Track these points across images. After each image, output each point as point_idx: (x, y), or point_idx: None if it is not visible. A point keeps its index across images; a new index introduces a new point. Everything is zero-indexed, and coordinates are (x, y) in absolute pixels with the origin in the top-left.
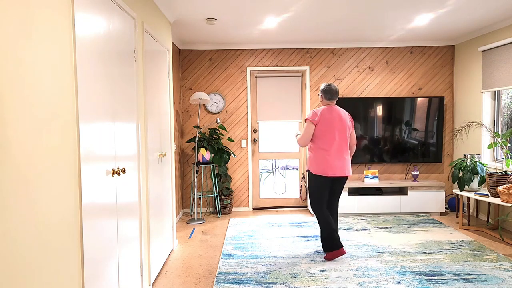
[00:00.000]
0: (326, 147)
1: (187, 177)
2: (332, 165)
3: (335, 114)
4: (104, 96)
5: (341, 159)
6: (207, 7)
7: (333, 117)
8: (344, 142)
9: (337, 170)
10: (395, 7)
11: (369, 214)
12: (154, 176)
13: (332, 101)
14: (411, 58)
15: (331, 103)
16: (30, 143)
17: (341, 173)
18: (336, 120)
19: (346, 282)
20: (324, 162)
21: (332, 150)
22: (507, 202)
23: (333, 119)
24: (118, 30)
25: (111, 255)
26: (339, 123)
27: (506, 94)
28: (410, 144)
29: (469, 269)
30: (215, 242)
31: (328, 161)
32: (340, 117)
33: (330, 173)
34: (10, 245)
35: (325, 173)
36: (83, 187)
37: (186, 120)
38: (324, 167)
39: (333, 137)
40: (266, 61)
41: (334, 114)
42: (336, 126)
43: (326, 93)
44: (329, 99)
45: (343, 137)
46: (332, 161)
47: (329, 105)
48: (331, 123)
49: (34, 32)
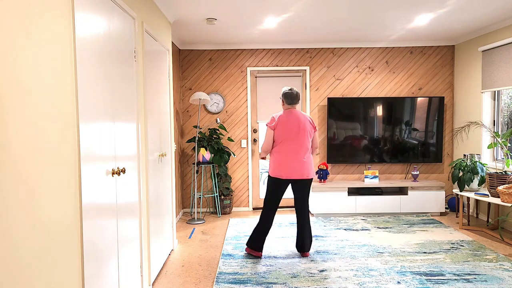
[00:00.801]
0: (283, 150)
1: (187, 177)
2: (288, 168)
3: (294, 118)
4: (104, 96)
5: (299, 162)
6: (207, 7)
7: (291, 121)
8: (302, 145)
9: (293, 173)
10: (395, 7)
11: (369, 214)
12: (154, 176)
13: (292, 105)
14: (411, 58)
15: (291, 107)
16: (30, 143)
17: (298, 175)
18: (294, 123)
19: (346, 282)
20: (281, 165)
21: (289, 153)
22: (507, 202)
23: (291, 123)
24: (118, 30)
25: (111, 255)
26: (297, 126)
27: (506, 94)
28: (410, 144)
29: (469, 269)
30: (215, 242)
31: (284, 164)
32: (299, 120)
33: (285, 175)
34: (10, 245)
35: (280, 176)
36: (83, 187)
37: (186, 120)
38: (280, 169)
39: (290, 141)
40: (266, 61)
41: (293, 118)
42: (293, 130)
43: (286, 98)
44: (289, 103)
45: (302, 140)
46: (289, 164)
47: (289, 109)
48: (288, 127)
49: (34, 32)
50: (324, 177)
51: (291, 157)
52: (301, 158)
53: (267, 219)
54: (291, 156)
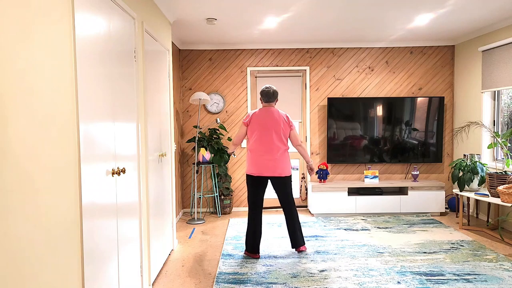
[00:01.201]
0: (255, 147)
1: (187, 177)
2: (258, 165)
3: (268, 115)
4: (104, 96)
5: (271, 159)
6: (207, 7)
7: (265, 118)
8: (274, 143)
9: (264, 170)
10: (395, 7)
11: (369, 214)
12: (154, 176)
13: (269, 103)
14: (411, 58)
15: (268, 105)
16: (31, 143)
17: (269, 173)
18: (267, 121)
19: (346, 282)
20: (252, 162)
21: (261, 151)
22: (507, 202)
23: (264, 120)
24: (118, 30)
25: (111, 255)
26: (270, 124)
27: (506, 94)
28: (410, 144)
29: (469, 269)
30: (215, 242)
31: (255, 161)
32: (273, 118)
33: (256, 172)
34: (11, 244)
35: (251, 173)
36: (83, 187)
37: (186, 120)
38: (251, 167)
39: (262, 138)
40: (266, 61)
41: (267, 115)
42: (266, 127)
43: (263, 96)
44: (266, 101)
45: (275, 138)
46: (259, 161)
47: (265, 107)
48: (261, 125)
49: (34, 32)
50: (324, 177)
51: (262, 155)
52: (272, 156)
53: (253, 219)
54: (262, 153)
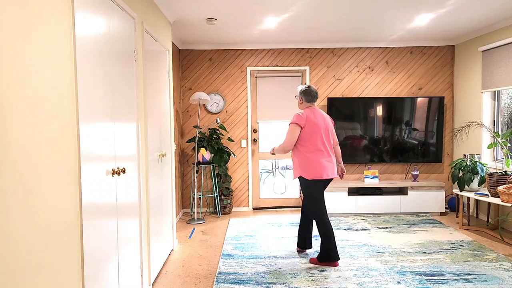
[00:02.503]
0: (316, 149)
1: (187, 177)
2: (325, 167)
3: (319, 116)
4: (104, 96)
5: (330, 160)
6: (207, 7)
7: (318, 119)
8: (329, 143)
9: (330, 172)
10: (395, 7)
11: (369, 214)
12: (154, 176)
13: (312, 103)
14: (411, 58)
15: (311, 105)
16: (31, 143)
17: (332, 174)
18: (321, 121)
19: (346, 282)
20: (318, 165)
21: (323, 152)
22: (507, 202)
23: (318, 121)
24: (118, 30)
25: (111, 255)
26: (324, 124)
27: (506, 94)
28: (410, 144)
29: (469, 269)
30: (215, 242)
31: (321, 163)
32: (324, 118)
33: (325, 175)
34: (11, 244)
35: (320, 176)
36: (83, 187)
37: (186, 120)
38: (319, 170)
39: (321, 139)
40: (266, 61)
41: (318, 115)
42: (322, 128)
43: (306, 95)
44: (309, 101)
45: (328, 138)
46: (324, 163)
47: (311, 107)
48: (317, 126)
49: (34, 32)
50: None
51: (326, 156)
52: (331, 156)
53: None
54: (326, 155)
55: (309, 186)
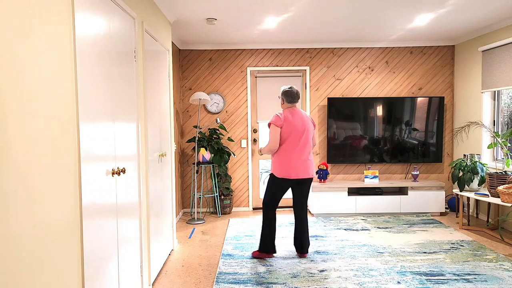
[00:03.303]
0: (290, 149)
1: (187, 177)
2: (296, 167)
3: (298, 116)
4: (104, 96)
5: (305, 161)
6: (207, 7)
7: (296, 119)
8: (307, 144)
9: (300, 172)
10: (395, 7)
11: (369, 214)
12: (154, 176)
13: (293, 103)
14: (411, 58)
15: (292, 106)
16: (31, 143)
17: (304, 175)
18: (299, 122)
19: (346, 282)
20: (288, 164)
21: (296, 153)
22: (507, 202)
23: (296, 121)
24: (118, 30)
25: (111, 255)
26: (301, 125)
27: (506, 94)
28: (410, 144)
29: (469, 269)
30: (215, 242)
31: (292, 163)
32: (303, 119)
33: (293, 175)
34: (11, 244)
35: (289, 176)
36: (83, 187)
37: (186, 120)
38: (288, 169)
39: (296, 140)
40: (266, 61)
41: (297, 116)
42: (299, 129)
43: (287, 96)
44: (290, 102)
45: (306, 139)
46: (296, 163)
47: (290, 108)
48: (294, 126)
49: (34, 32)
50: (324, 177)
51: (298, 157)
52: (306, 157)
53: (271, 218)
54: (298, 155)
55: (274, 182)
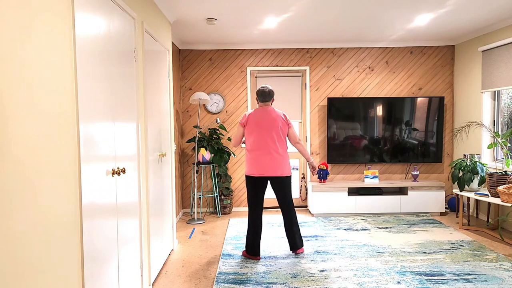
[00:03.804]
0: (254, 148)
1: (187, 177)
2: (259, 166)
3: (265, 115)
4: (104, 96)
5: (270, 159)
6: (207, 7)
7: (262, 118)
8: (274, 142)
9: (264, 171)
10: (395, 7)
11: (369, 214)
12: (154, 176)
13: (265, 102)
14: (411, 58)
15: (264, 105)
16: (31, 143)
17: (270, 173)
18: (264, 121)
19: (346, 282)
20: (252, 162)
21: (260, 151)
22: (507, 202)
23: (261, 120)
24: (118, 30)
25: (111, 255)
26: (268, 124)
27: (506, 94)
28: (410, 144)
29: (469, 269)
30: (215, 242)
31: (255, 161)
32: (270, 117)
33: (257, 173)
34: (10, 244)
35: (252, 173)
36: (83, 187)
37: (186, 120)
38: (252, 167)
39: (261, 138)
40: (266, 61)
41: (264, 115)
42: (264, 127)
43: (258, 96)
44: (262, 101)
45: (272, 137)
46: (259, 162)
47: (262, 107)
48: (258, 124)
49: (34, 32)
50: (324, 177)
51: (262, 155)
52: (272, 155)
53: (253, 220)
54: (262, 153)
55: (247, 181)
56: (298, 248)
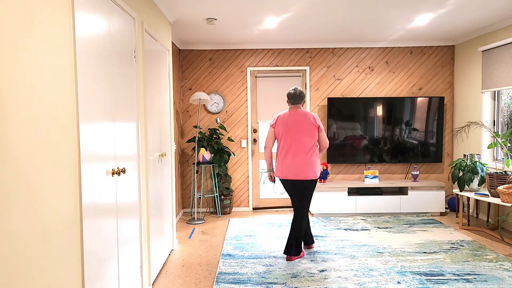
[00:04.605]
0: (284, 150)
1: (187, 177)
2: (286, 168)
3: (295, 117)
4: (104, 96)
5: (296, 162)
6: (207, 7)
7: (291, 120)
8: (302, 145)
9: (289, 173)
10: (395, 7)
11: (369, 214)
12: (154, 176)
13: (296, 105)
14: (411, 58)
15: (295, 107)
16: (31, 143)
17: (294, 176)
18: (295, 123)
19: (346, 282)
20: (281, 165)
21: (289, 154)
22: (507, 202)
23: (290, 122)
24: (118, 30)
25: (111, 255)
26: (298, 126)
27: (506, 94)
28: (410, 144)
29: (469, 269)
30: (215, 242)
31: (283, 164)
32: (300, 120)
33: (282, 175)
34: (10, 244)
35: (282, 176)
36: (83, 187)
37: (186, 120)
38: (281, 169)
39: (290, 140)
40: (266, 61)
41: (294, 117)
42: (294, 129)
43: (289, 98)
44: (293, 103)
45: (303, 140)
46: (287, 164)
47: (292, 109)
48: (287, 126)
49: (34, 32)
50: (324, 177)
51: (289, 157)
52: (299, 158)
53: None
54: (289, 156)
55: (281, 183)
56: (311, 243)
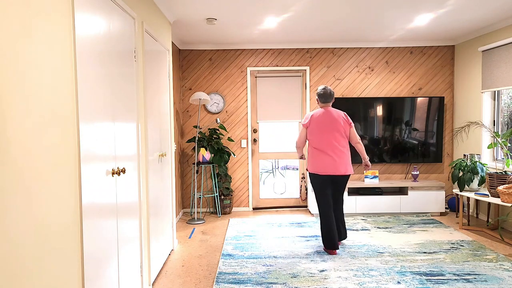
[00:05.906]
0: (318, 147)
1: (187, 177)
2: (323, 164)
3: (327, 115)
4: (104, 96)
5: (333, 158)
6: (207, 7)
7: (324, 118)
8: (335, 142)
9: (328, 169)
10: (395, 7)
11: (369, 214)
12: (154, 176)
13: (326, 103)
14: (411, 58)
15: (325, 106)
16: (30, 143)
17: (333, 171)
18: (327, 121)
19: (346, 282)
20: (317, 161)
21: (324, 150)
22: (507, 202)
23: (323, 120)
24: (118, 30)
25: (111, 255)
26: (330, 124)
27: (506, 94)
28: (410, 144)
29: (469, 269)
30: (215, 242)
31: (320, 160)
32: (332, 118)
33: (321, 171)
34: (10, 245)
35: (317, 172)
36: (83, 187)
37: (186, 120)
38: (317, 166)
39: (324, 138)
40: (266, 61)
41: (326, 115)
42: (326, 127)
43: (320, 97)
44: (323, 102)
45: (336, 137)
46: (324, 161)
47: (323, 107)
48: (321, 125)
49: (34, 32)
50: None
51: (325, 154)
52: (335, 154)
53: (326, 215)
54: (325, 153)
55: (311, 179)
56: (344, 238)
